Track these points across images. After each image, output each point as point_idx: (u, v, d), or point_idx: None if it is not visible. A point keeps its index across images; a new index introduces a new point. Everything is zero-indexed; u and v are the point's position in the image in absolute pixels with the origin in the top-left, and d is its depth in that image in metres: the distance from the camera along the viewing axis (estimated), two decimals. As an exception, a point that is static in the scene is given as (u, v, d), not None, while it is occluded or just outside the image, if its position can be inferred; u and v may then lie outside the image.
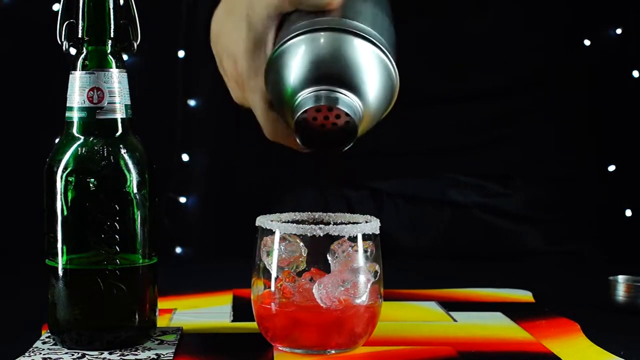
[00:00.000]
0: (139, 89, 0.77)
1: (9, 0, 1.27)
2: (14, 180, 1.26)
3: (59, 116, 0.71)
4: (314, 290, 0.68)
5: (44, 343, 0.72)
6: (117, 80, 0.70)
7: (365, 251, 0.70)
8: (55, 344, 0.71)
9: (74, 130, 0.70)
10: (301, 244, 0.69)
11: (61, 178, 0.69)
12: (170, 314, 0.83)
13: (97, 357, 0.68)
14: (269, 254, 0.70)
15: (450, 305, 0.87)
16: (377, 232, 0.71)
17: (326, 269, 0.70)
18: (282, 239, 0.70)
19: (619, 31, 2.08)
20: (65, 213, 0.69)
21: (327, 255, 0.69)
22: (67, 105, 0.70)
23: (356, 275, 0.69)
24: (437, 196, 1.21)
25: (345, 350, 0.70)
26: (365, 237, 0.70)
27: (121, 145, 0.70)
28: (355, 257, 0.69)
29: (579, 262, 1.40)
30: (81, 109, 0.70)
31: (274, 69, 0.71)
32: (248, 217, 0.80)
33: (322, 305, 0.68)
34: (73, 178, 0.69)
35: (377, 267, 0.70)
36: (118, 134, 0.70)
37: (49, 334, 0.72)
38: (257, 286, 0.72)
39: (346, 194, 1.21)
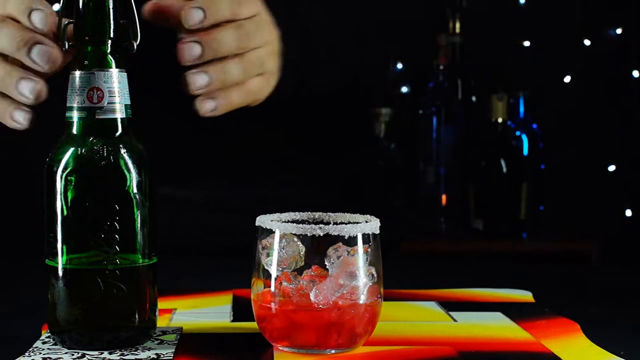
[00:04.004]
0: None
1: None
2: (13, 180, 1.25)
3: (59, 116, 0.71)
4: (311, 296, 0.68)
5: (44, 343, 0.72)
6: (116, 80, 0.70)
7: (363, 254, 0.70)
8: (55, 344, 0.71)
9: (74, 130, 0.70)
10: (299, 242, 0.69)
11: (61, 178, 0.69)
12: (170, 314, 0.83)
13: (97, 357, 0.68)
14: (268, 254, 0.70)
15: (450, 305, 0.87)
16: (377, 232, 0.71)
17: (326, 268, 0.70)
18: (282, 238, 0.70)
19: (619, 31, 2.08)
20: (65, 213, 0.69)
21: (325, 260, 0.69)
22: (67, 105, 0.70)
23: (353, 280, 0.69)
24: None
25: (345, 350, 0.70)
26: (365, 237, 0.70)
27: (121, 145, 0.70)
28: (352, 261, 0.69)
29: (579, 261, 1.40)
30: (81, 108, 0.70)
31: None
32: (248, 217, 0.80)
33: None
34: (73, 178, 0.69)
35: (373, 271, 0.70)
36: (118, 133, 0.70)
37: (49, 334, 0.72)
38: (257, 286, 0.72)
39: None
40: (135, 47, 0.73)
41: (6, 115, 0.74)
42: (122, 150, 0.70)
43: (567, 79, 2.09)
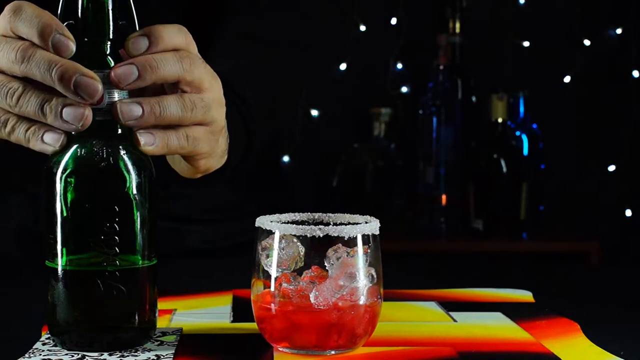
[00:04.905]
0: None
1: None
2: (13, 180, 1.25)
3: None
4: (311, 298, 0.68)
5: (44, 344, 0.72)
6: (116, 81, 0.70)
7: (363, 255, 0.70)
8: (55, 345, 0.71)
9: (73, 132, 0.70)
10: (298, 243, 0.69)
11: (61, 179, 0.69)
12: (170, 314, 0.83)
13: (97, 358, 0.68)
14: (268, 255, 0.70)
15: (450, 305, 0.87)
16: (377, 232, 0.71)
17: (326, 269, 0.70)
18: (282, 239, 0.69)
19: (619, 31, 2.08)
20: (65, 214, 0.69)
21: (325, 261, 0.69)
22: (67, 106, 0.70)
23: (352, 281, 0.69)
24: None
25: (345, 351, 0.70)
26: (365, 237, 0.70)
27: (121, 147, 0.70)
28: (351, 262, 0.69)
29: (579, 261, 1.40)
30: (80, 110, 0.69)
31: None
32: (249, 217, 0.80)
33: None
34: (73, 179, 0.69)
35: (373, 272, 0.70)
36: (117, 135, 0.70)
37: (49, 335, 0.72)
38: (257, 286, 0.72)
39: None
40: None
41: (35, 138, 0.70)
42: (122, 152, 0.70)
43: (567, 79, 2.09)
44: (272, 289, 0.70)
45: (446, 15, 2.05)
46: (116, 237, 0.69)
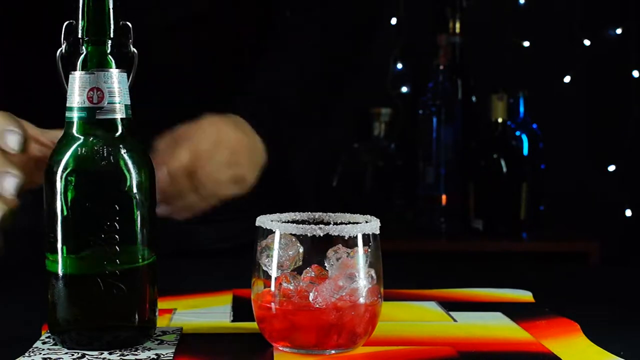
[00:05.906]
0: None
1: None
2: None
3: (59, 116, 0.71)
4: (310, 298, 0.68)
5: (44, 343, 0.72)
6: (116, 80, 0.70)
7: (363, 255, 0.69)
8: (55, 344, 0.71)
9: (74, 130, 0.70)
10: (298, 242, 0.69)
11: (61, 178, 0.69)
12: (170, 314, 0.83)
13: (97, 357, 0.68)
14: (268, 254, 0.70)
15: (450, 305, 0.87)
16: (377, 232, 0.71)
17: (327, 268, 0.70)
18: (282, 239, 0.69)
19: (619, 31, 2.08)
20: (65, 213, 0.69)
21: (325, 261, 0.69)
22: (67, 105, 0.70)
23: (352, 282, 0.69)
24: None
25: (346, 351, 0.70)
26: (365, 237, 0.70)
27: (121, 145, 0.70)
28: (351, 263, 0.69)
29: (579, 261, 1.40)
30: (81, 109, 0.70)
31: None
32: (249, 217, 0.80)
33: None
34: (73, 178, 0.69)
35: (372, 273, 0.70)
36: (118, 134, 0.70)
37: (49, 334, 0.72)
38: (257, 286, 0.72)
39: None
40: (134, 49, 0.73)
41: None
42: (122, 151, 0.70)
43: (567, 79, 2.09)
44: (272, 288, 0.70)
45: (446, 15, 2.05)
46: (116, 236, 0.69)
